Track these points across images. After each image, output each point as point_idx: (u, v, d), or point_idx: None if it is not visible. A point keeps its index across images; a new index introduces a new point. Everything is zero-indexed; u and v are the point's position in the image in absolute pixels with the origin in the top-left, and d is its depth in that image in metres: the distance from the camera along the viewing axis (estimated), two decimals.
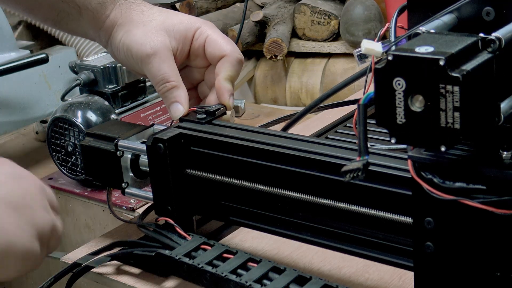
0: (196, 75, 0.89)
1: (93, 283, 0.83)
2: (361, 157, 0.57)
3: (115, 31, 0.87)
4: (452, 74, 0.50)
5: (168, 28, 0.85)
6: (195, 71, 0.89)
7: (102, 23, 0.87)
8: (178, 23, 0.86)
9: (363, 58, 0.67)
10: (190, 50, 0.87)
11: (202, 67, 0.89)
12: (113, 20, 0.87)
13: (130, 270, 0.81)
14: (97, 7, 0.87)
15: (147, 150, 0.79)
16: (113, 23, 0.87)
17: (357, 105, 0.57)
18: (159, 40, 0.84)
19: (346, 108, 1.02)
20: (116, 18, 0.87)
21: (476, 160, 0.56)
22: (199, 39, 0.86)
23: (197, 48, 0.86)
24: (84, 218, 1.31)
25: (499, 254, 0.57)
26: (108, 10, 0.87)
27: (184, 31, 0.85)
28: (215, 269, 0.73)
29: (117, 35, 0.86)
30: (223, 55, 0.85)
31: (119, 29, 0.86)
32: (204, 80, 0.89)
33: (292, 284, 0.70)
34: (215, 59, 0.86)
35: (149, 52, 0.83)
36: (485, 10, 0.57)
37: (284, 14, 2.16)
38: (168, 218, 0.80)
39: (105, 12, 0.87)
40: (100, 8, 0.87)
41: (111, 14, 0.87)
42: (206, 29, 0.86)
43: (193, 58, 0.88)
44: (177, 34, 0.85)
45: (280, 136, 0.75)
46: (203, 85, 0.90)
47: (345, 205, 0.68)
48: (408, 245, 0.64)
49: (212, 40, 0.86)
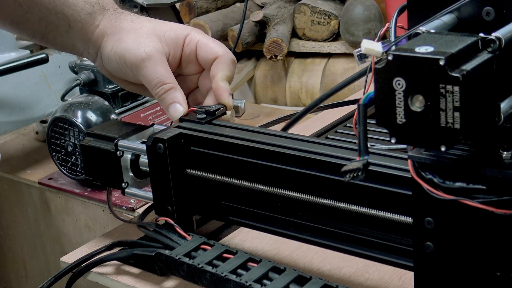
0: (189, 83, 0.89)
1: (93, 283, 0.83)
2: (361, 157, 0.57)
3: (105, 41, 0.86)
4: (452, 74, 0.50)
5: (159, 34, 0.85)
6: (188, 79, 0.89)
7: (91, 34, 0.87)
8: (169, 30, 0.86)
9: (363, 58, 0.67)
10: (181, 57, 0.87)
11: (195, 74, 0.89)
12: (103, 30, 0.86)
13: (130, 270, 0.81)
14: (86, 18, 0.86)
15: (147, 150, 0.79)
16: (102, 33, 0.86)
17: (357, 105, 0.57)
18: (152, 44, 0.84)
19: (346, 108, 1.02)
20: (105, 28, 0.86)
21: (476, 160, 0.56)
22: (190, 45, 0.86)
23: (188, 54, 0.86)
24: (84, 218, 1.32)
25: (499, 254, 0.57)
26: (97, 21, 0.87)
27: (175, 37, 0.85)
28: (215, 269, 0.73)
29: (108, 44, 0.86)
30: (216, 57, 0.85)
31: (109, 38, 0.86)
32: (199, 86, 0.89)
33: (292, 284, 0.70)
34: (208, 63, 0.86)
35: (143, 56, 0.83)
36: (485, 10, 0.57)
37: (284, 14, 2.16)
38: (168, 218, 0.80)
39: (94, 22, 0.87)
40: (89, 18, 0.86)
41: (100, 25, 0.87)
42: (196, 35, 0.86)
43: (185, 65, 0.88)
44: (169, 39, 0.85)
45: (280, 136, 0.75)
46: (196, 94, 0.90)
47: (345, 205, 0.68)
48: (408, 245, 0.64)
49: (203, 44, 0.86)
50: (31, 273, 1.52)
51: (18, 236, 1.49)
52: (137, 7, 1.28)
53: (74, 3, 0.86)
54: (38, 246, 1.46)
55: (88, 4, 0.87)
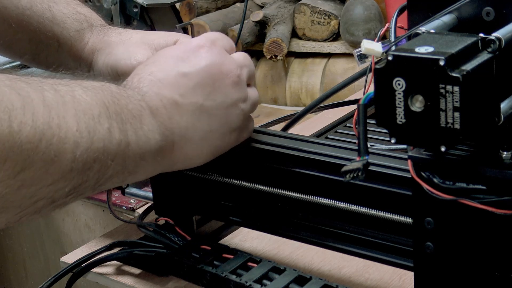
0: None
1: (93, 283, 0.83)
2: (361, 157, 0.57)
3: (96, 57, 0.87)
4: (452, 74, 0.50)
5: (148, 43, 0.85)
6: None
7: (82, 51, 0.87)
8: (157, 38, 0.86)
9: (363, 58, 0.67)
10: None
11: None
12: (93, 47, 0.87)
13: (130, 270, 0.81)
14: (75, 35, 0.87)
15: None
16: (92, 49, 0.87)
17: (357, 105, 0.57)
18: (142, 52, 0.84)
19: (346, 108, 1.02)
20: (95, 44, 0.87)
21: (476, 160, 0.56)
22: None
23: None
24: (84, 218, 1.32)
25: (498, 254, 0.57)
26: (86, 38, 0.87)
27: (165, 44, 0.85)
28: (215, 269, 0.73)
29: (99, 59, 0.86)
30: None
31: (99, 54, 0.87)
32: None
33: (292, 284, 0.70)
34: None
35: (134, 64, 0.83)
36: (485, 10, 0.57)
37: (284, 14, 2.16)
38: (168, 218, 0.80)
39: (84, 39, 0.87)
40: (78, 36, 0.87)
41: (90, 41, 0.87)
42: (185, 40, 0.86)
43: None
44: (158, 46, 0.85)
45: (280, 136, 0.75)
46: None
47: (345, 205, 0.68)
48: (408, 245, 0.64)
49: None
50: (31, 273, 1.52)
51: (18, 236, 1.49)
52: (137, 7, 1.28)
53: (63, 21, 0.87)
54: (38, 246, 1.46)
55: (77, 21, 0.88)
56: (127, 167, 0.64)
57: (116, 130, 0.62)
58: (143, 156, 0.65)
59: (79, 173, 0.59)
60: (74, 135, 0.57)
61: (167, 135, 0.67)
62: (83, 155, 0.58)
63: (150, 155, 0.65)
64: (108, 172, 0.62)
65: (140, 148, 0.64)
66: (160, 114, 0.67)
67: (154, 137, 0.65)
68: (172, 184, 0.80)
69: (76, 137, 0.58)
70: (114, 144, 0.61)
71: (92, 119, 0.60)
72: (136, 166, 0.65)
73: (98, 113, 0.60)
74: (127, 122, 0.63)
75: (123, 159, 0.63)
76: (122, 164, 0.63)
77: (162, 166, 0.69)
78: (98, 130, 0.60)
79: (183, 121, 0.68)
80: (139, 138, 0.64)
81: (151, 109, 0.66)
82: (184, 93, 0.68)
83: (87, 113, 0.59)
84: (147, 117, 0.66)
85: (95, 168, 0.60)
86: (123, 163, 0.63)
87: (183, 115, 0.68)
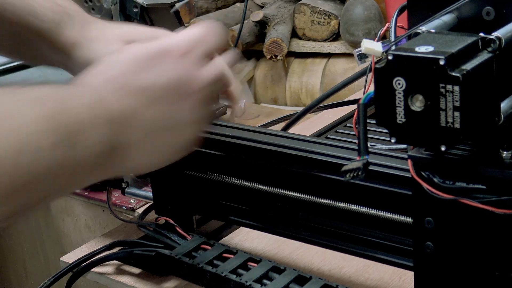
0: None
1: (93, 283, 0.83)
2: (361, 157, 0.57)
3: (75, 52, 0.85)
4: (452, 74, 0.49)
5: (129, 39, 0.83)
6: None
7: (60, 44, 0.85)
8: (139, 34, 0.84)
9: (363, 58, 0.67)
10: None
11: None
12: (72, 40, 0.85)
13: (130, 270, 0.81)
14: (52, 28, 0.85)
15: None
16: (72, 43, 0.85)
17: (357, 105, 0.57)
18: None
19: (346, 108, 1.02)
20: (74, 38, 0.85)
21: (476, 160, 0.56)
22: None
23: None
24: (84, 218, 1.32)
25: (498, 254, 0.57)
26: (65, 30, 0.85)
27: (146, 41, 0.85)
28: (215, 269, 0.73)
29: (78, 55, 0.85)
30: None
31: (78, 48, 0.85)
32: None
33: (292, 284, 0.70)
34: None
35: None
36: (485, 10, 0.57)
37: (284, 14, 2.16)
38: (168, 218, 0.80)
39: (63, 32, 0.85)
40: (55, 28, 0.85)
41: (69, 34, 0.85)
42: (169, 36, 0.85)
43: None
44: None
45: (280, 136, 0.75)
46: None
47: (345, 205, 0.68)
48: (408, 245, 0.64)
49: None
50: (31, 273, 1.52)
51: (18, 236, 1.49)
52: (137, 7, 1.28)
53: (41, 14, 0.85)
54: (38, 246, 1.46)
55: (57, 14, 0.85)
56: (76, 179, 0.62)
57: (62, 145, 0.58)
58: (92, 167, 0.62)
59: (20, 194, 0.55)
60: (12, 155, 0.54)
61: (117, 145, 0.64)
62: (24, 176, 0.55)
63: (98, 165, 0.63)
64: (55, 188, 0.59)
65: (88, 160, 0.61)
66: (114, 123, 0.64)
67: (101, 149, 0.62)
68: (172, 184, 0.80)
69: (15, 158, 0.54)
70: (59, 159, 0.58)
71: (34, 134, 0.56)
72: (85, 176, 0.62)
73: (42, 128, 0.57)
74: (76, 134, 0.60)
75: (71, 173, 0.60)
76: (69, 177, 0.60)
77: (112, 173, 0.66)
78: (42, 148, 0.56)
79: (137, 131, 0.66)
80: (87, 149, 0.61)
81: (106, 116, 0.63)
82: (141, 105, 0.66)
83: (28, 129, 0.56)
84: (100, 125, 0.63)
85: (39, 188, 0.57)
86: (70, 178, 0.60)
87: (137, 126, 0.66)
